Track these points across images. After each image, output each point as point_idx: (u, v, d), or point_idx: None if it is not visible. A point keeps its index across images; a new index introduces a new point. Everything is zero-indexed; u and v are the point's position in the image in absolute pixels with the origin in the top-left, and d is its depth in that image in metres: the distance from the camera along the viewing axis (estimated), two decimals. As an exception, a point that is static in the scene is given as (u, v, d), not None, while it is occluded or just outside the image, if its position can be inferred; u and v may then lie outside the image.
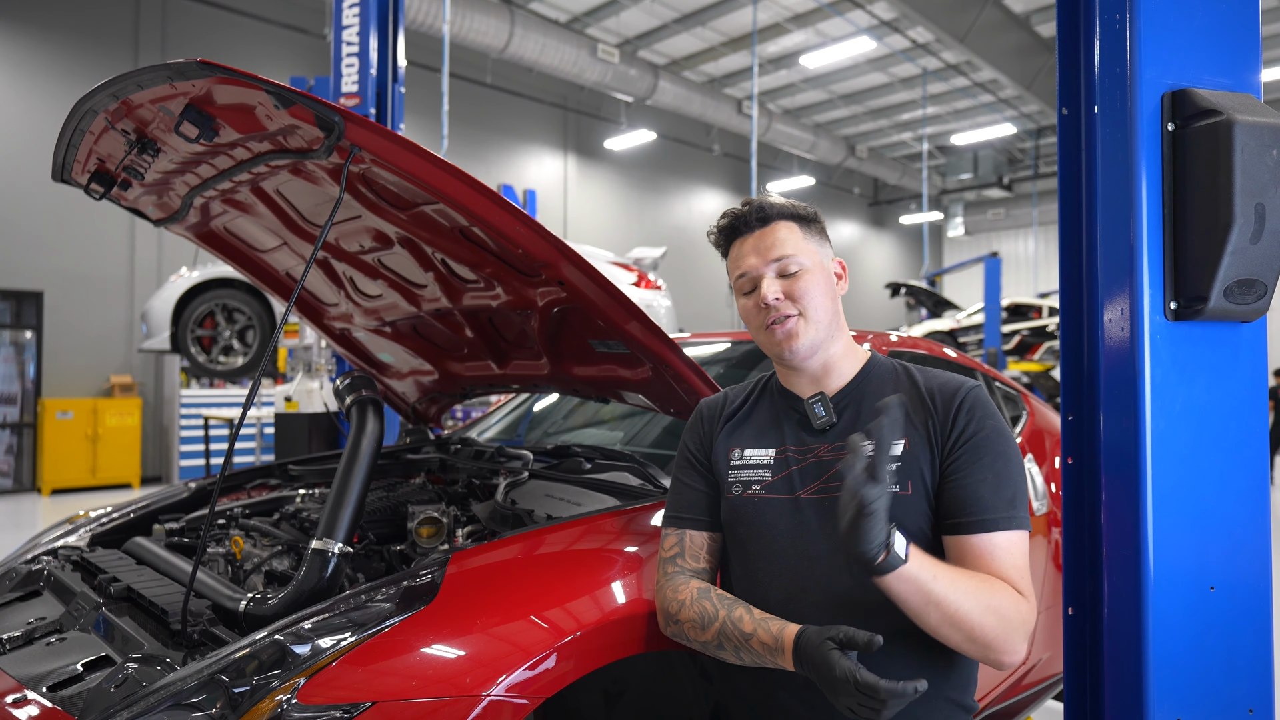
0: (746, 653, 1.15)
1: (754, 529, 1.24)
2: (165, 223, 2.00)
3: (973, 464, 1.20)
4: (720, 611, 1.19)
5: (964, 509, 1.18)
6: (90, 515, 2.20)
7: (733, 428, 1.36)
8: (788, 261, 1.28)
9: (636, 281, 7.11)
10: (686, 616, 1.22)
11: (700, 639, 1.21)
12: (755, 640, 1.14)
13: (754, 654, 1.15)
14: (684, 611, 1.22)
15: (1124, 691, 1.23)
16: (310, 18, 10.91)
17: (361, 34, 3.95)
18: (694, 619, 1.21)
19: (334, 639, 1.19)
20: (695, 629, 1.21)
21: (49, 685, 1.28)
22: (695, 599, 1.22)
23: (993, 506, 1.18)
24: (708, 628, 1.19)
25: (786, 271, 1.28)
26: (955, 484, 1.20)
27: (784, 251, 1.28)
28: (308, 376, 4.80)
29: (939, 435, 1.23)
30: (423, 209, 1.59)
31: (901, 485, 1.21)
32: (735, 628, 1.16)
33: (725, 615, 1.18)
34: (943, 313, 12.45)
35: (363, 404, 1.96)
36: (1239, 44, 1.26)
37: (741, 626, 1.16)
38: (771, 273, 1.28)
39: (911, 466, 1.22)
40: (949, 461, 1.22)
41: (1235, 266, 1.17)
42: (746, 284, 1.31)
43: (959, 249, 22.41)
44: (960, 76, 14.60)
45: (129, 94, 1.36)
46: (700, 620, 1.20)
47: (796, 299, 1.27)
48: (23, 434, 9.12)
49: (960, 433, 1.22)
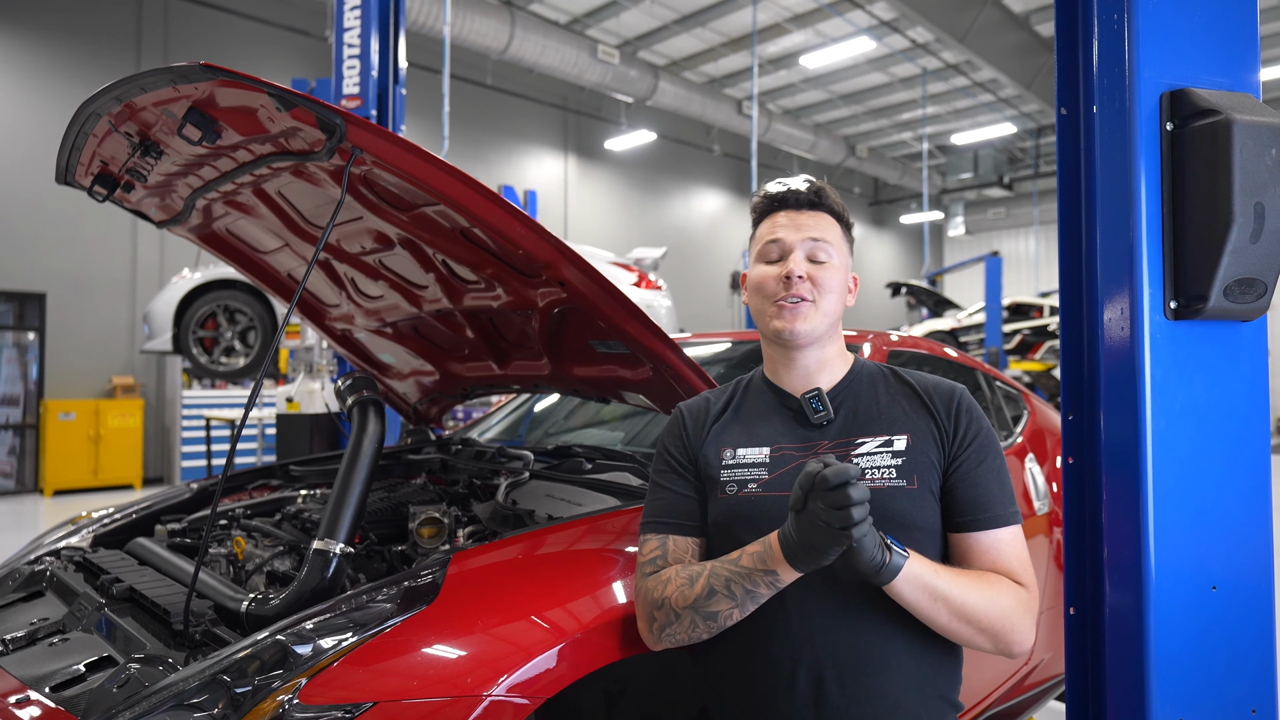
0: (739, 582, 1.13)
1: (754, 527, 1.23)
2: (168, 224, 2.00)
3: (979, 464, 1.24)
4: (706, 565, 1.19)
5: (975, 508, 1.23)
6: (93, 516, 2.20)
7: (720, 428, 1.34)
8: (823, 247, 1.28)
9: (637, 282, 7.11)
10: (674, 587, 1.20)
11: (690, 599, 1.17)
12: (745, 557, 1.13)
13: (747, 576, 1.13)
14: (670, 587, 1.20)
15: (1126, 692, 1.23)
16: (311, 20, 10.93)
17: (363, 36, 3.96)
18: (681, 585, 1.19)
19: (335, 639, 1.19)
20: (684, 594, 1.18)
21: (52, 685, 1.29)
22: (678, 572, 1.22)
23: (999, 504, 1.23)
24: (695, 582, 1.18)
25: (816, 257, 1.28)
26: (967, 484, 1.23)
27: (824, 238, 1.29)
28: (309, 377, 4.80)
29: (944, 435, 1.26)
30: (424, 210, 1.60)
31: (907, 480, 1.22)
32: (724, 563, 1.16)
33: (715, 562, 1.18)
34: (943, 312, 12.45)
35: (364, 404, 1.96)
36: (1237, 43, 1.26)
37: (730, 557, 1.16)
38: (803, 252, 1.28)
39: (916, 462, 1.23)
40: (956, 462, 1.24)
41: (1235, 265, 1.17)
42: (773, 251, 1.30)
43: (959, 248, 22.40)
44: (960, 76, 14.60)
45: (132, 97, 1.36)
46: (688, 581, 1.19)
47: (817, 285, 1.27)
48: (25, 435, 9.13)
49: (964, 433, 1.25)
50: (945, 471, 1.24)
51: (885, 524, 1.17)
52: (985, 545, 1.22)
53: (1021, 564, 1.22)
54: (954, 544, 1.25)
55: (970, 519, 1.23)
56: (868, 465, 1.23)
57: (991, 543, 1.22)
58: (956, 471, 1.24)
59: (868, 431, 1.26)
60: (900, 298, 13.74)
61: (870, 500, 1.03)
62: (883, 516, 1.17)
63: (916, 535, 1.20)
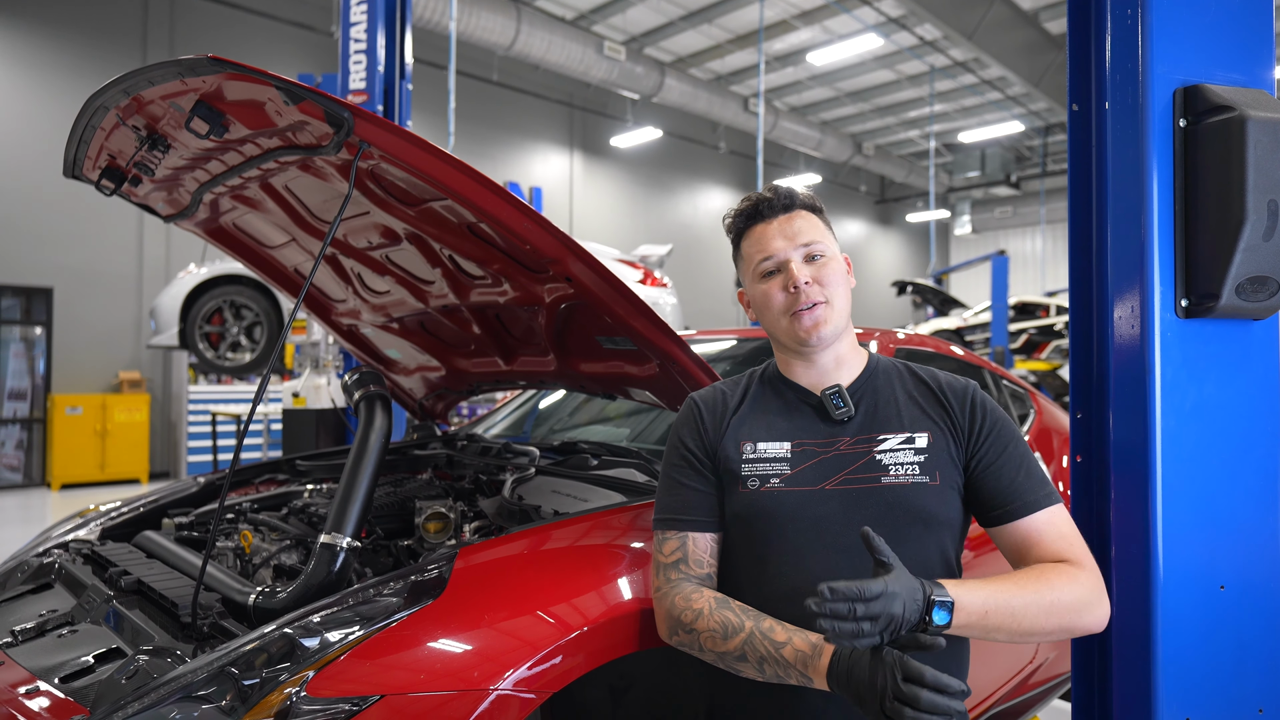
0: (772, 665, 1.11)
1: (776, 522, 1.22)
2: (175, 219, 2.01)
3: (1000, 455, 1.23)
4: (747, 623, 1.14)
5: (1005, 498, 1.21)
6: (100, 509, 2.21)
7: (739, 421, 1.33)
8: (815, 247, 1.28)
9: (642, 279, 7.11)
10: (705, 627, 1.17)
11: (719, 649, 1.16)
12: (789, 648, 1.09)
13: (782, 665, 1.10)
14: (701, 621, 1.18)
15: (1132, 691, 1.22)
16: (317, 15, 10.93)
17: (369, 31, 3.96)
18: (714, 630, 1.16)
19: (342, 633, 1.19)
20: (715, 640, 1.16)
21: (61, 676, 1.30)
22: (715, 609, 1.18)
23: (1029, 489, 1.21)
24: (730, 638, 1.14)
25: (812, 258, 1.28)
26: (990, 476, 1.23)
27: (812, 237, 1.29)
28: (315, 372, 4.81)
29: (962, 430, 1.26)
30: (431, 205, 1.60)
31: (930, 476, 1.22)
32: (766, 638, 1.12)
33: (753, 626, 1.13)
34: (949, 311, 12.40)
35: (371, 399, 1.96)
36: (1252, 40, 1.25)
37: (773, 636, 1.11)
38: (799, 257, 1.28)
39: (937, 458, 1.23)
40: (976, 457, 1.24)
41: (1247, 264, 1.16)
42: (771, 266, 1.29)
43: (966, 247, 22.33)
44: (968, 74, 14.54)
45: (140, 90, 1.37)
46: (722, 631, 1.15)
47: (824, 285, 1.27)
48: (32, 429, 9.17)
49: (980, 427, 1.25)
50: (966, 467, 1.24)
51: (909, 519, 1.18)
52: (1026, 532, 1.20)
53: (1069, 543, 1.19)
54: (997, 539, 1.23)
55: (1003, 510, 1.22)
56: (891, 462, 1.23)
57: (1033, 529, 1.19)
58: (979, 466, 1.23)
59: (888, 428, 1.26)
60: (906, 296, 13.70)
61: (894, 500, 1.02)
62: (907, 512, 1.18)
63: (939, 529, 1.21)
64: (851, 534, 1.18)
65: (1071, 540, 1.20)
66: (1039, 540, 1.19)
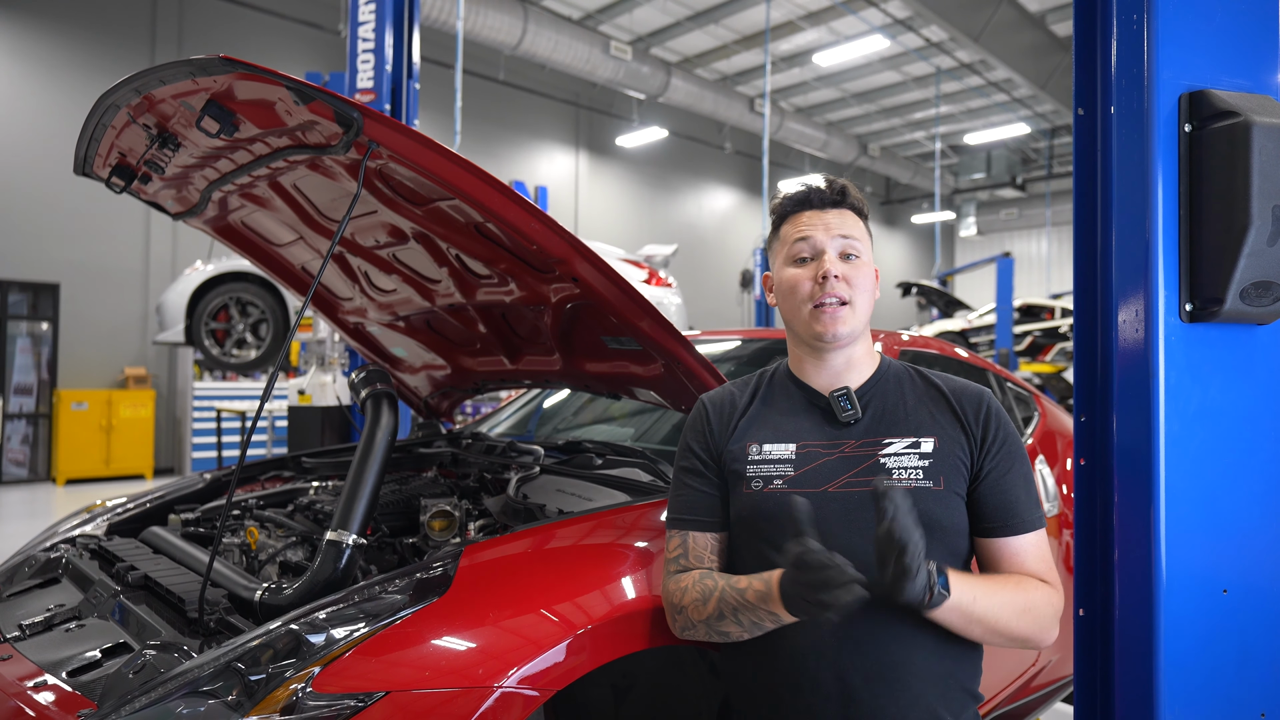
0: (745, 612, 1.16)
1: (778, 523, 1.23)
2: (184, 216, 2.02)
3: (1007, 471, 1.26)
4: (720, 583, 1.21)
5: (1005, 515, 1.25)
6: (107, 505, 2.23)
7: (747, 423, 1.34)
8: (853, 245, 1.29)
9: (648, 279, 7.12)
10: (689, 600, 1.23)
11: (704, 616, 1.21)
12: (750, 591, 1.16)
13: (750, 608, 1.16)
14: (687, 596, 1.23)
15: (1135, 695, 1.23)
16: (325, 13, 10.96)
17: (377, 30, 3.98)
18: (697, 599, 1.22)
19: (348, 629, 1.20)
20: (699, 609, 1.21)
21: (69, 670, 1.31)
22: (696, 581, 1.24)
23: (1028, 508, 1.26)
24: (708, 600, 1.20)
25: (847, 255, 1.28)
26: (996, 490, 1.25)
27: (852, 234, 1.30)
28: (321, 370, 4.82)
29: (972, 440, 1.26)
30: (438, 204, 1.60)
31: (934, 481, 1.23)
32: (732, 588, 1.19)
33: (725, 584, 1.20)
34: (954, 313, 12.38)
35: (378, 397, 1.97)
36: (1258, 45, 1.25)
37: (737, 585, 1.18)
38: (835, 251, 1.28)
39: (943, 463, 1.24)
40: (985, 468, 1.25)
41: (1252, 269, 1.16)
42: (805, 250, 1.29)
43: (971, 249, 22.29)
44: (974, 75, 14.51)
45: (151, 89, 1.38)
46: (702, 596, 1.21)
47: (852, 285, 1.27)
48: (38, 424, 9.21)
49: (992, 439, 1.26)
50: (973, 476, 1.26)
51: None
52: (1013, 550, 1.25)
53: (1047, 565, 1.26)
54: (981, 548, 1.28)
55: (999, 525, 1.25)
56: (895, 465, 1.23)
57: (1020, 547, 1.25)
58: (986, 478, 1.25)
59: (894, 432, 1.27)
60: (911, 298, 13.68)
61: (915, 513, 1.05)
62: None
63: (942, 535, 1.21)
64: (853, 536, 1.19)
65: (1050, 563, 1.27)
66: (1022, 559, 1.25)
